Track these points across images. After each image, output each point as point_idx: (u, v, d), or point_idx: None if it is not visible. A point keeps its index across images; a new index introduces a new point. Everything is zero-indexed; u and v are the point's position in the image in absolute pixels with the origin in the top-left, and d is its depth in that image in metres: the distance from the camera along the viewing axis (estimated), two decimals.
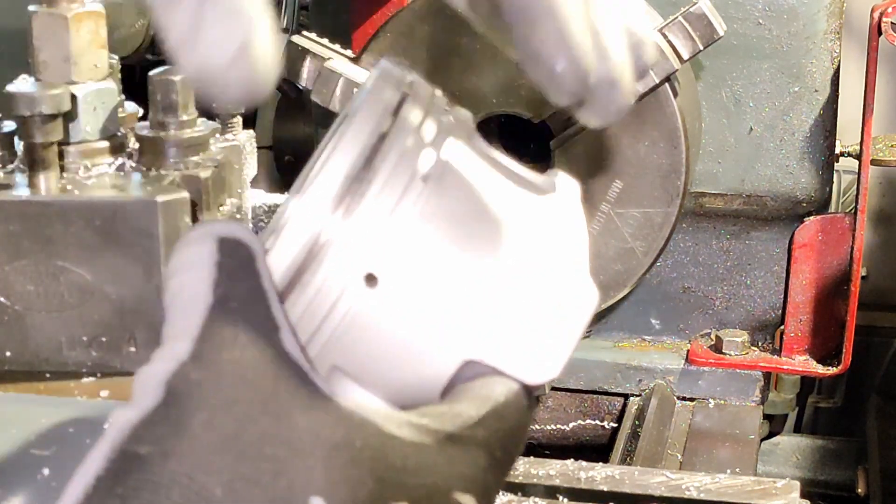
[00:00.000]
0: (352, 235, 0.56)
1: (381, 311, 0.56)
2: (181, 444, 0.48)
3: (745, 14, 1.73)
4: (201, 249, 0.54)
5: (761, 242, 1.85)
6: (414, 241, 0.57)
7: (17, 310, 0.97)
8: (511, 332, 0.57)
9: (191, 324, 0.51)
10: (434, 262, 0.57)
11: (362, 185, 0.57)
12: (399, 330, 0.56)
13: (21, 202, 0.96)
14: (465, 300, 0.57)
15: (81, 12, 1.04)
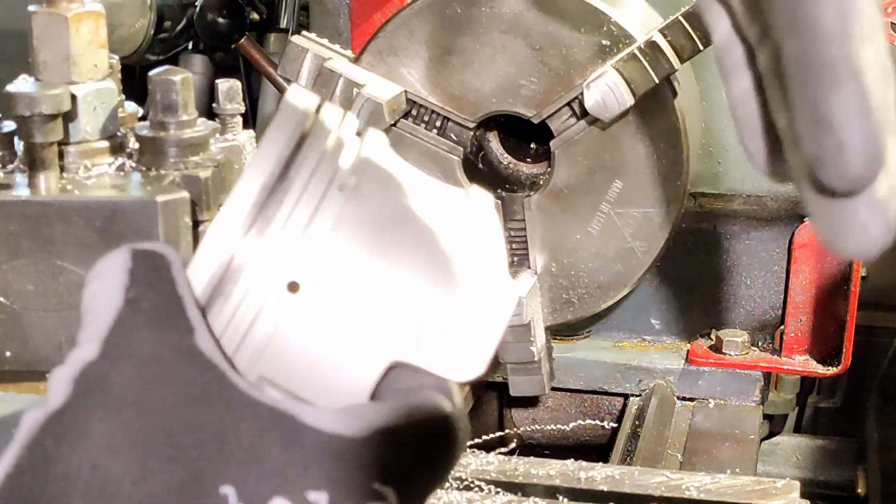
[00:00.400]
0: (265, 254, 0.57)
1: (303, 321, 0.57)
2: (87, 436, 0.48)
3: None
4: (115, 259, 0.54)
5: (761, 242, 1.85)
6: (329, 253, 0.58)
7: (16, 309, 0.97)
8: (434, 333, 0.58)
9: (100, 326, 0.52)
10: (351, 271, 0.58)
11: (275, 202, 0.58)
12: (321, 338, 0.57)
13: (21, 202, 0.96)
14: (386, 305, 0.58)
15: (81, 12, 1.04)
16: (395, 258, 0.58)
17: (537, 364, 1.59)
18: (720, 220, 1.84)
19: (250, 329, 0.56)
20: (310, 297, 0.57)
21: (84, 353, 0.52)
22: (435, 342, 0.58)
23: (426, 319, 0.58)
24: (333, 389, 0.56)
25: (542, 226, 1.61)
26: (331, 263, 0.57)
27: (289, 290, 0.57)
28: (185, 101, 1.04)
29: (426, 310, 0.58)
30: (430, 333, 0.58)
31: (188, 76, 1.05)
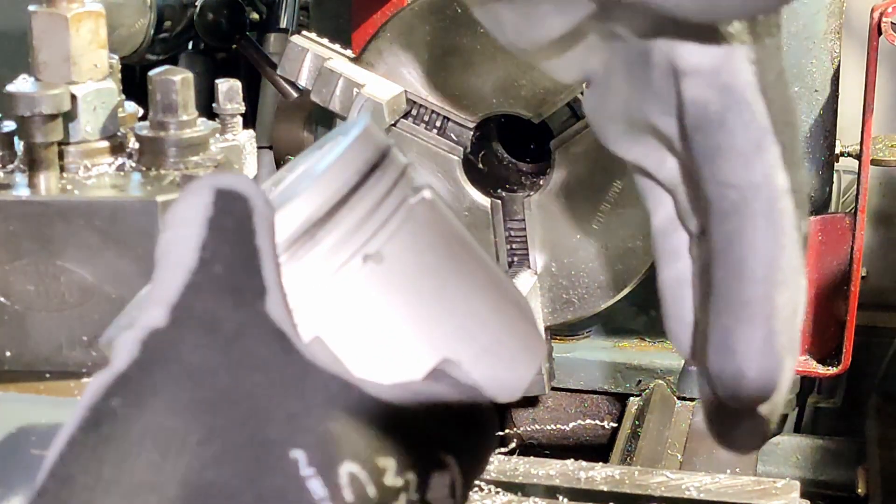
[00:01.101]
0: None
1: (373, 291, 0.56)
2: (153, 398, 0.48)
3: None
4: (196, 203, 0.52)
5: None
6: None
7: (17, 310, 0.97)
8: (487, 347, 0.58)
9: (170, 289, 0.51)
10: (423, 263, 0.57)
11: (320, 232, 0.55)
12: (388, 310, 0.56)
13: (21, 202, 0.97)
14: (452, 303, 0.57)
15: (81, 12, 1.04)
16: (463, 270, 0.58)
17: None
18: None
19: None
20: (391, 266, 0.56)
21: (152, 319, 0.51)
22: (486, 355, 0.57)
23: (484, 332, 0.58)
24: (385, 368, 0.55)
25: (542, 226, 1.61)
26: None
27: (366, 260, 0.55)
28: (185, 101, 1.04)
29: (485, 324, 0.58)
30: (484, 345, 0.58)
31: (188, 76, 1.05)
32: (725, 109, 0.53)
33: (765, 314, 0.53)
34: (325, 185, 0.55)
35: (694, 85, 0.53)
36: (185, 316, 0.50)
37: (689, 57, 0.54)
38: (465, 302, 0.58)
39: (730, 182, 0.53)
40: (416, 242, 0.57)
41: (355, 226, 0.56)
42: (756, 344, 0.53)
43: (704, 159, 0.54)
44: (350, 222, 0.56)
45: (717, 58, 0.53)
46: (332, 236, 0.55)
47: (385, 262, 0.56)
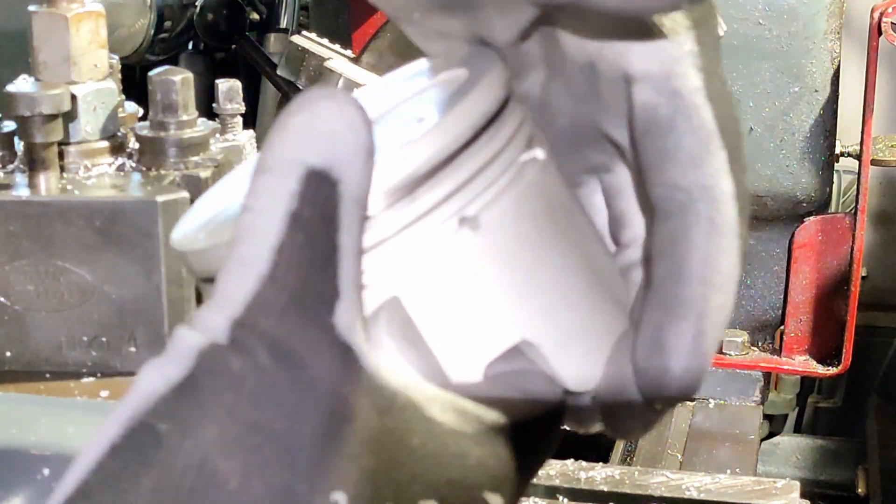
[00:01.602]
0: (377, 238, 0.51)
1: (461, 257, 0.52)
2: (201, 427, 0.46)
3: (745, 14, 1.73)
4: (280, 188, 0.47)
5: (761, 242, 1.84)
6: (501, 211, 0.53)
7: (17, 310, 0.97)
8: (570, 332, 0.55)
9: (237, 298, 0.47)
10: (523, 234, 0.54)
11: (420, 189, 0.51)
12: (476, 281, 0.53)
13: (21, 202, 0.97)
14: (545, 280, 0.54)
15: (81, 12, 1.04)
16: (561, 243, 0.55)
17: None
18: None
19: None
20: (488, 232, 0.52)
21: (215, 324, 0.47)
22: (566, 342, 0.55)
23: (567, 316, 0.55)
24: (460, 340, 0.53)
25: None
26: (504, 217, 0.53)
27: (462, 224, 0.52)
28: (185, 101, 1.04)
29: (571, 307, 0.55)
30: (569, 329, 0.55)
31: (188, 76, 1.05)
32: (674, 113, 0.54)
33: (697, 313, 0.54)
34: (436, 138, 0.51)
35: (644, 90, 0.55)
36: (246, 336, 0.47)
37: (639, 63, 0.55)
38: (559, 279, 0.55)
39: (677, 184, 0.54)
40: (518, 208, 0.54)
41: (459, 186, 0.52)
42: (685, 342, 0.54)
43: (653, 163, 0.55)
44: (455, 181, 0.52)
45: (666, 64, 0.55)
46: (433, 195, 0.51)
47: (482, 228, 0.52)
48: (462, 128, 0.52)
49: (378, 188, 0.50)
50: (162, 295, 0.96)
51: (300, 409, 0.46)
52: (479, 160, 0.53)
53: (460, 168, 0.52)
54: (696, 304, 0.54)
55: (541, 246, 0.55)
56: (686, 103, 0.54)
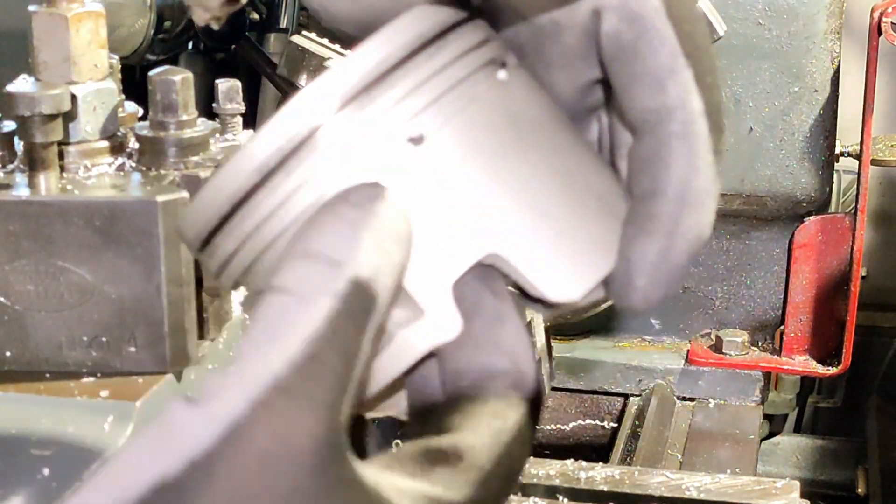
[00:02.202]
0: (348, 138, 0.51)
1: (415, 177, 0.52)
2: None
3: (745, 14, 1.73)
4: (326, 284, 0.47)
5: (761, 242, 1.85)
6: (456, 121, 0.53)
7: (17, 310, 0.97)
8: (544, 242, 0.54)
9: (261, 374, 0.46)
10: (477, 145, 0.53)
11: (391, 81, 0.51)
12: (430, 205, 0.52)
13: (21, 202, 0.96)
14: (506, 192, 0.54)
15: (81, 12, 1.04)
16: (529, 155, 0.55)
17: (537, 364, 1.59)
18: (720, 220, 1.84)
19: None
20: (429, 154, 0.52)
21: (220, 415, 0.45)
22: (541, 251, 0.54)
23: (540, 225, 0.54)
24: (424, 260, 0.52)
25: None
26: (457, 134, 0.53)
27: (412, 141, 0.52)
28: (185, 101, 1.04)
29: (543, 216, 0.54)
30: (540, 241, 0.54)
31: (188, 76, 1.05)
32: (637, 38, 0.55)
33: (667, 230, 0.55)
34: (393, 32, 0.52)
35: (608, 19, 0.56)
36: (244, 439, 0.45)
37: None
38: (526, 192, 0.54)
39: (646, 107, 0.55)
40: (471, 125, 0.54)
41: (406, 94, 0.52)
42: (651, 257, 0.55)
43: (622, 89, 0.56)
44: (401, 90, 0.52)
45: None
46: (382, 101, 0.52)
47: (430, 145, 0.52)
48: (405, 37, 0.52)
49: (332, 92, 0.51)
50: (162, 295, 0.96)
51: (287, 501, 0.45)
52: (423, 72, 0.52)
53: (406, 77, 0.52)
54: (665, 221, 0.55)
55: (501, 160, 0.54)
56: (647, 26, 0.55)
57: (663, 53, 0.55)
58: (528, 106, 0.57)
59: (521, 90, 0.57)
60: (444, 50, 0.54)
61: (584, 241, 0.55)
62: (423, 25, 0.53)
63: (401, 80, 0.52)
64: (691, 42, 0.56)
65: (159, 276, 0.95)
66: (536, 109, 0.57)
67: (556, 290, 0.54)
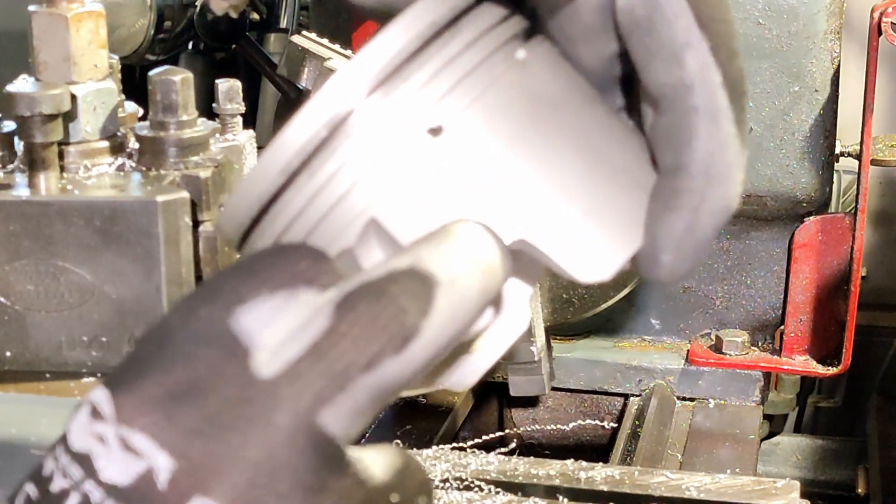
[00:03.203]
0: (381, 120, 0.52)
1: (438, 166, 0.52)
2: None
3: (745, 14, 1.73)
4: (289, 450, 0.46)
5: (761, 242, 1.85)
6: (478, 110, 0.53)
7: (17, 310, 0.97)
8: (571, 225, 0.54)
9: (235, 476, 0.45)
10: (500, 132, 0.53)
11: (417, 63, 0.52)
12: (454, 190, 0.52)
13: (21, 202, 0.97)
14: (530, 177, 0.53)
15: (81, 12, 1.04)
16: (552, 135, 0.55)
17: (537, 364, 1.59)
18: None
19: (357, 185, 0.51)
20: (453, 142, 0.52)
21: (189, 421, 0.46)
22: (569, 234, 0.54)
23: (566, 207, 0.54)
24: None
25: None
26: (479, 119, 0.53)
27: (430, 133, 0.52)
28: (185, 101, 1.04)
29: (569, 198, 0.54)
30: (567, 223, 0.54)
31: (188, 76, 1.05)
32: (651, 12, 0.55)
33: (692, 206, 0.55)
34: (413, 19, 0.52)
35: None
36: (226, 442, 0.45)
37: None
38: (549, 174, 0.54)
39: (664, 81, 0.55)
40: (490, 110, 0.53)
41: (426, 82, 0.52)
42: (676, 232, 0.55)
43: (641, 64, 0.56)
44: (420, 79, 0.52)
45: None
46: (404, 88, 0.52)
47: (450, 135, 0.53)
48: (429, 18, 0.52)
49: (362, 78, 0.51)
50: (162, 295, 0.96)
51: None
52: (445, 55, 0.53)
53: (428, 61, 0.52)
54: (690, 196, 0.55)
55: (524, 143, 0.54)
56: (660, 0, 0.55)
57: (678, 27, 0.55)
58: (549, 84, 0.56)
59: (542, 68, 0.56)
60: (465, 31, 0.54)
61: (611, 219, 0.55)
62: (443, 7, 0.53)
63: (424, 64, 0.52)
64: (707, 13, 0.56)
65: (159, 276, 0.95)
66: (558, 86, 0.57)
67: (586, 271, 0.55)
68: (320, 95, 0.52)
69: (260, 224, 0.54)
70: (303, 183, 0.52)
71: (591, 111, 0.57)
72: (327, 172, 0.52)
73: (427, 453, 1.39)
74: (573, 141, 0.55)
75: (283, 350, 0.46)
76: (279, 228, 0.53)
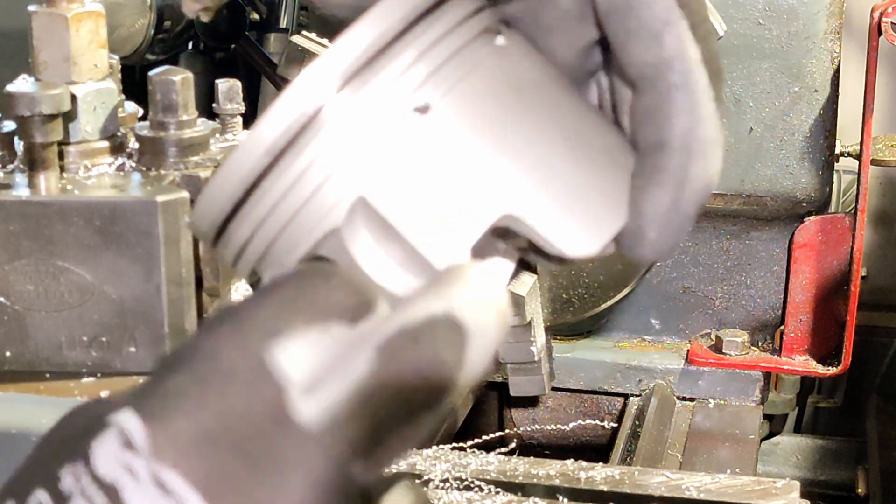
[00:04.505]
0: (353, 115, 0.52)
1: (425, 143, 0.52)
2: None
3: (745, 14, 1.73)
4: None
5: (761, 242, 1.85)
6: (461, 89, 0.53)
7: (17, 310, 0.97)
8: (557, 200, 0.54)
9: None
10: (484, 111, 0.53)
11: (392, 55, 0.52)
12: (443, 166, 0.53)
13: (21, 202, 0.97)
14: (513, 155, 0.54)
15: (81, 12, 1.04)
16: (534, 116, 0.55)
17: (537, 364, 1.59)
18: (720, 220, 1.84)
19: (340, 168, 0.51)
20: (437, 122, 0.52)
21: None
22: (555, 209, 0.54)
23: (552, 184, 0.54)
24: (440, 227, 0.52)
25: None
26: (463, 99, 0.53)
27: (417, 111, 0.52)
28: (185, 101, 1.04)
29: (554, 175, 0.55)
30: (553, 198, 0.54)
31: (188, 76, 1.05)
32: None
33: (676, 181, 0.55)
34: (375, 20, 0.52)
35: None
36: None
37: None
38: (532, 152, 0.54)
39: (644, 61, 0.56)
40: (473, 91, 0.54)
41: (408, 66, 0.52)
42: (662, 208, 0.55)
43: (620, 45, 0.56)
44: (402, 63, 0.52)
45: None
46: (384, 76, 0.52)
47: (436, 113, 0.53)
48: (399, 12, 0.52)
49: (333, 71, 0.51)
50: (162, 295, 0.96)
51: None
52: (421, 43, 0.53)
53: (405, 50, 0.52)
54: (673, 172, 0.56)
55: (507, 124, 0.54)
56: None
57: (658, 6, 0.56)
58: (529, 69, 0.57)
59: (520, 55, 0.57)
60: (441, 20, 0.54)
61: (596, 196, 0.56)
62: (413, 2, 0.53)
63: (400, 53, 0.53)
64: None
65: (159, 276, 0.95)
66: (537, 72, 0.57)
67: (573, 245, 0.55)
68: (290, 91, 0.51)
69: (234, 220, 0.54)
70: (275, 178, 0.52)
71: (568, 97, 0.58)
72: (300, 166, 0.52)
73: (427, 453, 1.39)
74: (555, 122, 0.56)
75: (320, 391, 0.46)
76: (254, 223, 0.53)
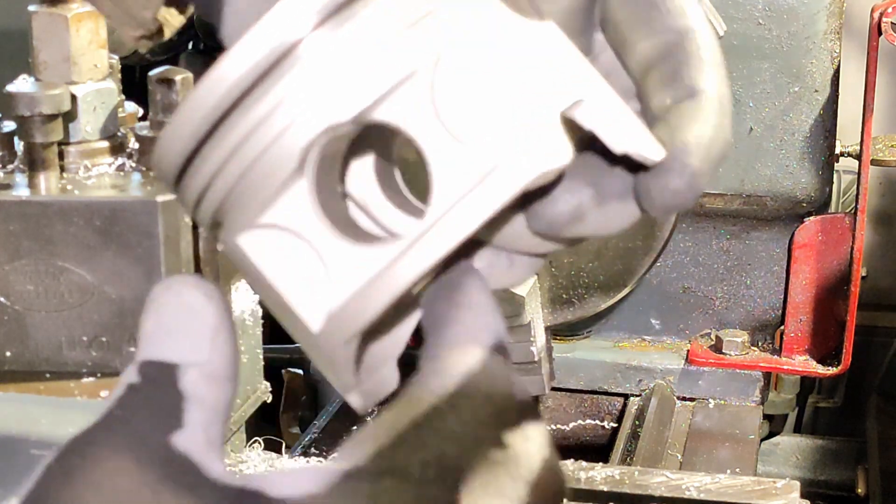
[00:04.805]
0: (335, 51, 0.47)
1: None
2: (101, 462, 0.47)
3: (745, 14, 1.73)
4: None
5: (761, 242, 1.85)
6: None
7: (17, 310, 0.97)
8: (615, 95, 0.53)
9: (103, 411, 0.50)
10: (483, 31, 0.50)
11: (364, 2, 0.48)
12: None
13: (21, 202, 0.97)
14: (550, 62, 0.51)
15: (81, 12, 1.04)
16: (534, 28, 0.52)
17: (537, 364, 1.59)
18: (720, 220, 1.84)
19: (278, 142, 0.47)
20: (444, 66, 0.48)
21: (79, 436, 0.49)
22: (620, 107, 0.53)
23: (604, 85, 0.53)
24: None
25: None
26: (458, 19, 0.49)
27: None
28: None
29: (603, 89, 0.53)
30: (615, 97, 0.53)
31: (188, 76, 1.05)
32: None
33: (715, 121, 0.56)
34: None
35: None
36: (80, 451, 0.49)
37: None
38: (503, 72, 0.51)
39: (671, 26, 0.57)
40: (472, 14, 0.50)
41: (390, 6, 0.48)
42: (704, 140, 0.56)
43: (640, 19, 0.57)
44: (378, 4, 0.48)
45: None
46: (363, 14, 0.48)
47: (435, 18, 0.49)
48: None
49: (311, 7, 0.47)
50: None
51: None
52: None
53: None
54: (713, 113, 0.56)
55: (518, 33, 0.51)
56: None
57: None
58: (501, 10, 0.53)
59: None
60: None
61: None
62: None
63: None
64: None
65: (159, 275, 0.95)
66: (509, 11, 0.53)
67: (643, 145, 0.52)
68: (263, 24, 0.47)
69: (194, 161, 0.49)
70: (239, 116, 0.48)
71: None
72: (268, 104, 0.47)
73: None
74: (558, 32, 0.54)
75: None
76: (215, 166, 0.49)
